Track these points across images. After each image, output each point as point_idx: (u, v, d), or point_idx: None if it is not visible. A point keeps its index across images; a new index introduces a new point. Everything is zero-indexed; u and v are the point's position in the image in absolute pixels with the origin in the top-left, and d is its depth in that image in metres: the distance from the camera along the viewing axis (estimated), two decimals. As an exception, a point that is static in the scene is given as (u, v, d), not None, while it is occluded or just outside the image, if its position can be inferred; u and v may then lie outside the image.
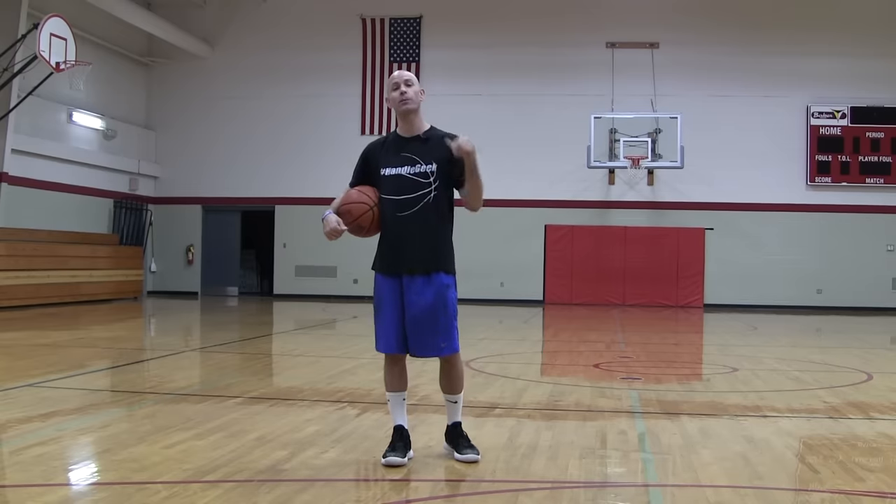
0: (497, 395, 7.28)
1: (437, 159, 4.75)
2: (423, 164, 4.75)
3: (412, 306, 4.71)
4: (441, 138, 4.78)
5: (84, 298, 19.79)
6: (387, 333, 4.78)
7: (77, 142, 21.34)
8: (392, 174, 4.77)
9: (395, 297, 4.76)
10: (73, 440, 5.39)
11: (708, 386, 8.54)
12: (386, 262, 4.80)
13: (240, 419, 6.02)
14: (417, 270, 4.73)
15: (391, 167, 4.77)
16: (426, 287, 4.72)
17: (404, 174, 4.75)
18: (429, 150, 4.77)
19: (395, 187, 4.75)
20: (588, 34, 22.97)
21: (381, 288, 4.82)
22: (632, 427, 5.94)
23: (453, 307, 4.80)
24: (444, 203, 4.80)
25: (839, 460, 5.01)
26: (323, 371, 8.84)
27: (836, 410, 6.75)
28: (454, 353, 4.81)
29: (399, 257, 4.75)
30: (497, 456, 4.97)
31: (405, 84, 4.78)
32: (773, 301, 22.29)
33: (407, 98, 4.76)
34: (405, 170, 4.76)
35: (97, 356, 10.23)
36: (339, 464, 4.78)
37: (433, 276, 4.74)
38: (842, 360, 10.83)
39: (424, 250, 4.73)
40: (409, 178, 4.74)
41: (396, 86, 4.79)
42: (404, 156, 4.77)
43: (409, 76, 4.83)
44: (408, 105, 4.78)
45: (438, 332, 4.72)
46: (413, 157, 4.77)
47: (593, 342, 12.78)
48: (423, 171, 4.74)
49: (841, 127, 22.44)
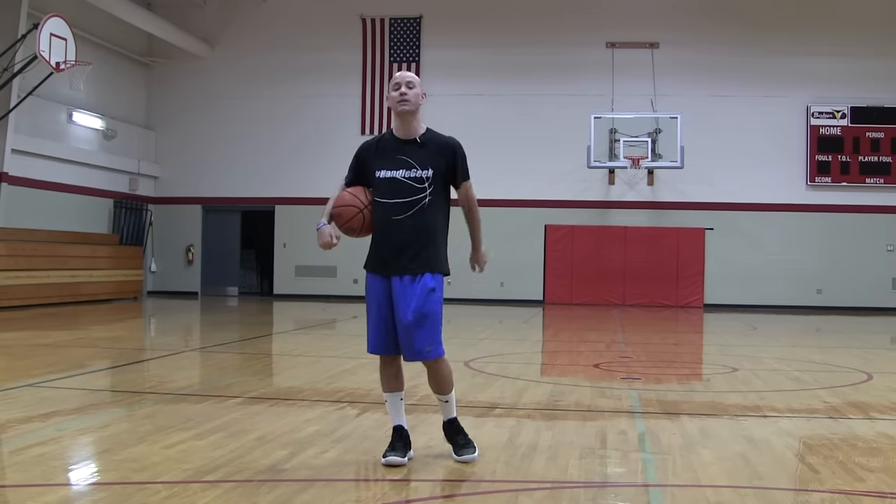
0: (497, 395, 7.28)
1: (434, 165, 4.73)
2: (419, 169, 4.72)
3: (399, 309, 4.68)
4: (440, 146, 4.77)
5: (84, 298, 19.78)
6: (375, 335, 4.76)
7: (77, 142, 21.34)
8: (386, 177, 4.74)
9: (384, 298, 4.74)
10: (73, 440, 5.39)
11: (708, 386, 8.54)
12: (377, 263, 4.78)
13: (240, 419, 6.01)
14: (406, 272, 4.69)
15: (386, 169, 4.74)
16: (412, 289, 4.67)
17: (399, 178, 4.72)
18: (426, 156, 4.74)
19: (389, 190, 4.72)
20: (588, 34, 22.97)
21: (371, 288, 4.80)
22: (632, 427, 5.94)
23: (438, 309, 4.73)
24: (438, 208, 4.77)
25: (839, 460, 5.01)
26: (323, 371, 8.84)
27: (836, 410, 6.75)
28: (438, 358, 4.75)
29: (389, 259, 4.72)
30: (497, 456, 4.97)
31: (406, 85, 4.75)
32: (773, 301, 22.29)
33: (406, 99, 4.74)
34: (400, 173, 4.72)
35: (97, 356, 10.23)
36: (339, 464, 4.78)
37: (418, 278, 4.69)
38: (842, 360, 10.83)
39: (414, 253, 4.69)
40: (403, 181, 4.71)
41: (397, 86, 4.77)
42: (400, 159, 4.74)
43: (412, 78, 4.81)
44: (405, 106, 4.75)
45: (424, 336, 4.65)
46: (409, 161, 4.73)
47: (593, 342, 12.78)
48: (419, 176, 4.71)
49: (841, 127, 22.44)
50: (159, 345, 12.26)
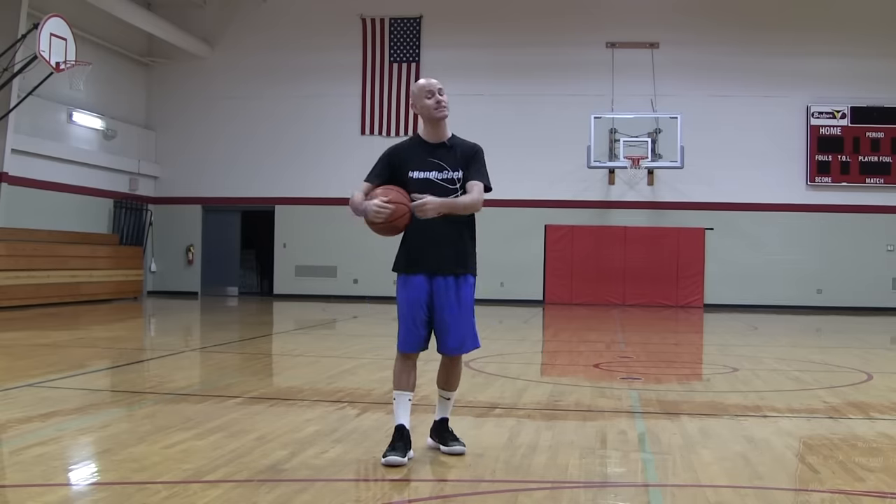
0: (497, 395, 7.28)
1: (463, 167, 4.95)
2: (450, 171, 4.93)
3: (445, 307, 4.88)
4: (466, 149, 4.99)
5: (84, 298, 19.78)
6: (412, 333, 4.89)
7: (77, 142, 21.35)
8: (420, 178, 4.90)
9: (422, 297, 4.89)
10: (73, 440, 5.40)
11: (708, 386, 8.55)
12: (414, 263, 4.91)
13: (240, 419, 6.02)
14: (448, 272, 4.89)
15: (419, 171, 4.90)
16: (457, 288, 4.91)
17: (433, 179, 4.90)
18: (456, 159, 4.96)
19: (423, 191, 4.86)
20: (588, 34, 22.97)
21: (408, 288, 4.92)
22: (632, 427, 5.94)
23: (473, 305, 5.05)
24: None
25: (839, 460, 5.01)
26: (323, 371, 8.84)
27: (836, 410, 6.76)
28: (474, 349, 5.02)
29: (429, 259, 4.89)
30: (497, 456, 4.98)
31: (439, 92, 4.95)
32: (773, 301, 22.29)
33: (443, 106, 4.94)
34: (433, 175, 4.90)
35: (97, 356, 10.23)
36: (339, 464, 4.79)
37: (461, 278, 4.93)
38: (842, 360, 10.83)
39: (453, 252, 4.91)
40: (437, 182, 4.89)
41: (431, 93, 4.93)
42: (432, 161, 4.92)
43: (441, 85, 4.99)
44: (444, 112, 4.95)
45: (468, 331, 4.93)
46: (441, 164, 4.93)
47: (593, 342, 12.78)
48: (451, 178, 4.92)
49: (841, 127, 22.44)
50: (159, 345, 12.26)
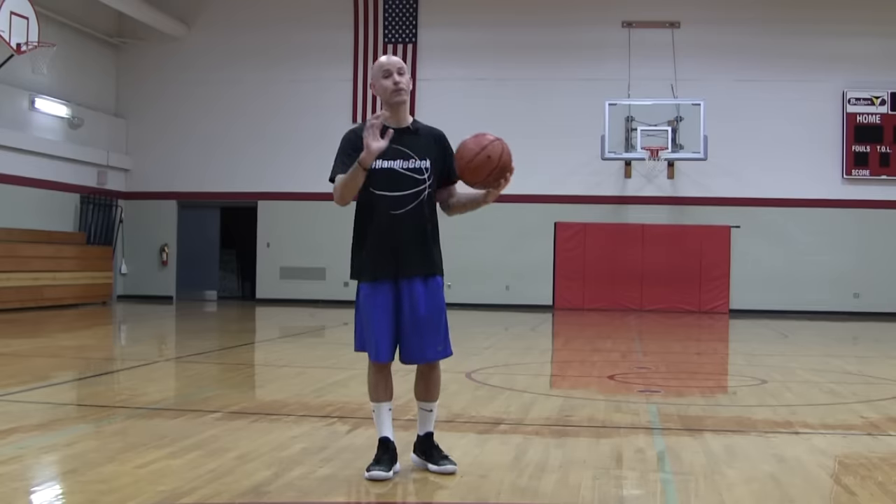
0: (502, 409, 7.29)
1: (431, 156, 4.87)
2: (416, 160, 4.84)
3: (413, 311, 4.82)
4: (434, 137, 4.92)
5: (47, 303, 19.81)
6: (382, 341, 4.83)
7: (40, 131, 21.37)
8: (384, 167, 4.80)
9: (389, 302, 4.83)
10: (35, 459, 5.40)
11: (734, 400, 8.57)
12: (379, 267, 4.84)
13: (219, 436, 6.03)
14: (417, 273, 4.83)
15: (381, 159, 4.78)
16: (426, 291, 4.85)
17: (397, 168, 4.82)
18: (422, 146, 4.87)
19: (388, 182, 4.80)
20: (602, 12, 22.99)
21: (372, 294, 4.86)
22: (650, 445, 5.96)
23: (445, 308, 5.01)
24: (433, 202, 4.95)
25: (878, 481, 5.02)
26: (310, 383, 8.85)
27: (875, 426, 6.77)
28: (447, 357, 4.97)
29: (396, 260, 4.82)
30: (502, 477, 4.98)
31: (398, 72, 4.84)
32: (805, 306, 22.32)
33: (401, 88, 4.84)
34: (398, 164, 4.82)
35: (62, 367, 10.24)
36: (328, 485, 4.79)
37: (430, 280, 4.88)
38: (881, 370, 10.85)
39: (422, 252, 4.85)
40: (403, 173, 4.82)
41: (388, 73, 4.84)
42: (396, 148, 4.80)
43: (402, 64, 4.91)
44: (403, 96, 4.85)
45: (439, 336, 4.88)
46: (406, 151, 4.83)
47: (608, 351, 12.80)
48: (418, 167, 4.84)
49: (880, 114, 22.46)
50: (130, 354, 12.26)
